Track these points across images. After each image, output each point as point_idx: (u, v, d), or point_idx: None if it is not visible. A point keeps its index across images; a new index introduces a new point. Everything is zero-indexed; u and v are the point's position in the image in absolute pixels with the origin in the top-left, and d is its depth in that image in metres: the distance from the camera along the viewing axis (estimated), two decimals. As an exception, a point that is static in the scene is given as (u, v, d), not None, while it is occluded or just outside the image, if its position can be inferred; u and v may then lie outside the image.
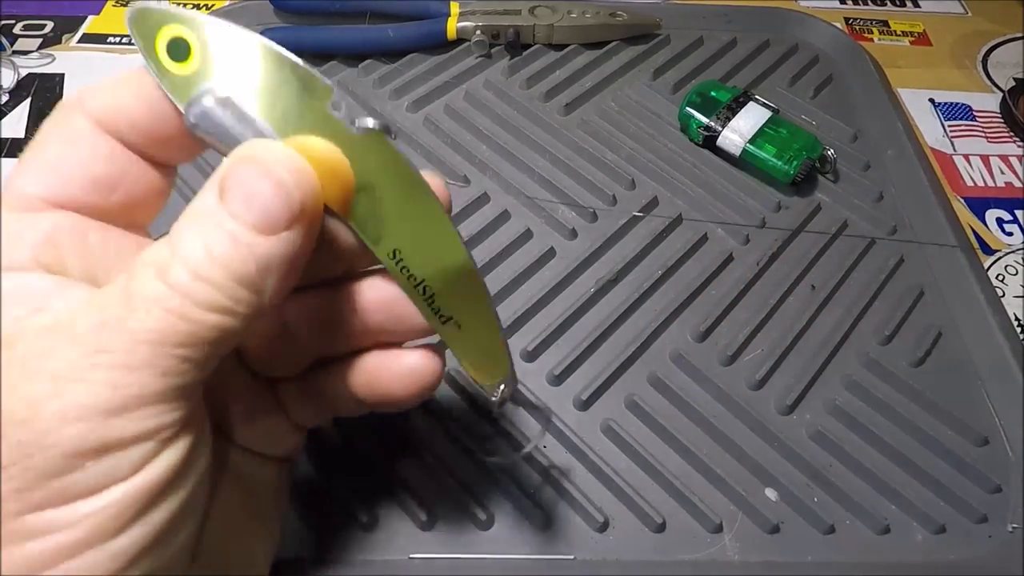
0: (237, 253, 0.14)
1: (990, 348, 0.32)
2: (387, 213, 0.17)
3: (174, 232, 0.15)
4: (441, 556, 0.26)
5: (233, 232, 0.14)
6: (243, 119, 0.16)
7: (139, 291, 0.14)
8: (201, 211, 0.15)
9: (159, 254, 0.15)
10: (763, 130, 0.38)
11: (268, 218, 0.15)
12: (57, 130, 0.17)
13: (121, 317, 0.14)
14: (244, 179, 0.15)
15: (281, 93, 0.16)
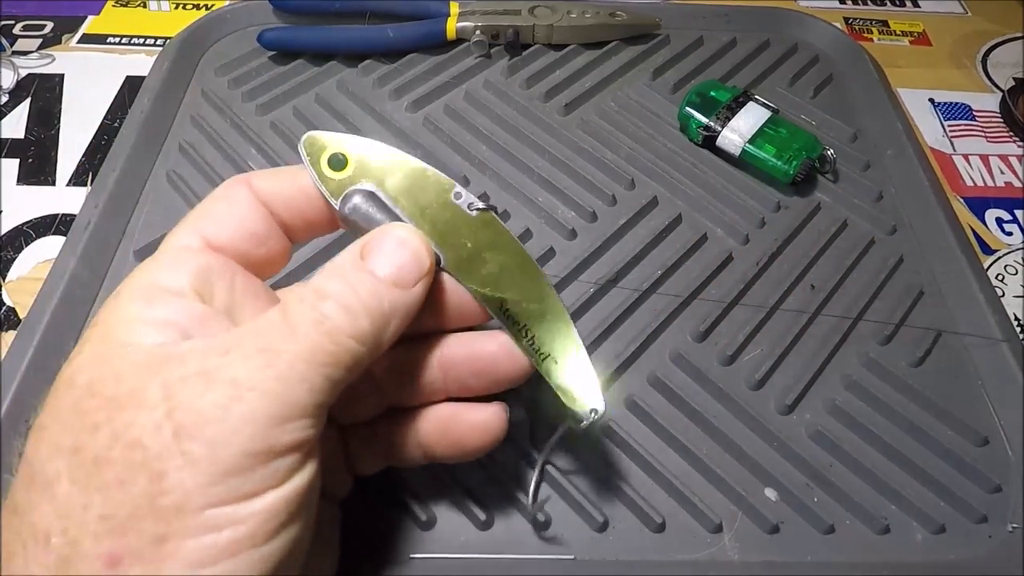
0: (376, 298, 0.19)
1: (990, 348, 0.32)
2: (497, 273, 0.22)
3: (320, 281, 0.19)
4: (441, 556, 0.26)
5: (375, 282, 0.19)
6: (384, 209, 0.22)
7: (298, 320, 0.18)
8: (346, 266, 0.19)
9: (310, 294, 0.18)
10: (763, 130, 0.38)
11: (402, 275, 0.19)
12: (224, 194, 0.21)
13: (284, 339, 0.17)
14: (386, 246, 0.20)
15: (413, 188, 0.22)
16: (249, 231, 0.21)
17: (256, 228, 0.21)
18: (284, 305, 0.18)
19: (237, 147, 0.39)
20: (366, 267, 0.19)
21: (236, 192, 0.21)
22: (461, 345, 0.22)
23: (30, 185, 0.39)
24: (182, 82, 0.42)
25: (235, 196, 0.21)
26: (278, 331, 0.17)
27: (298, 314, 0.18)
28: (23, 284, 0.35)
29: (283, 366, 0.16)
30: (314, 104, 0.41)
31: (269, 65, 0.43)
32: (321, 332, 0.17)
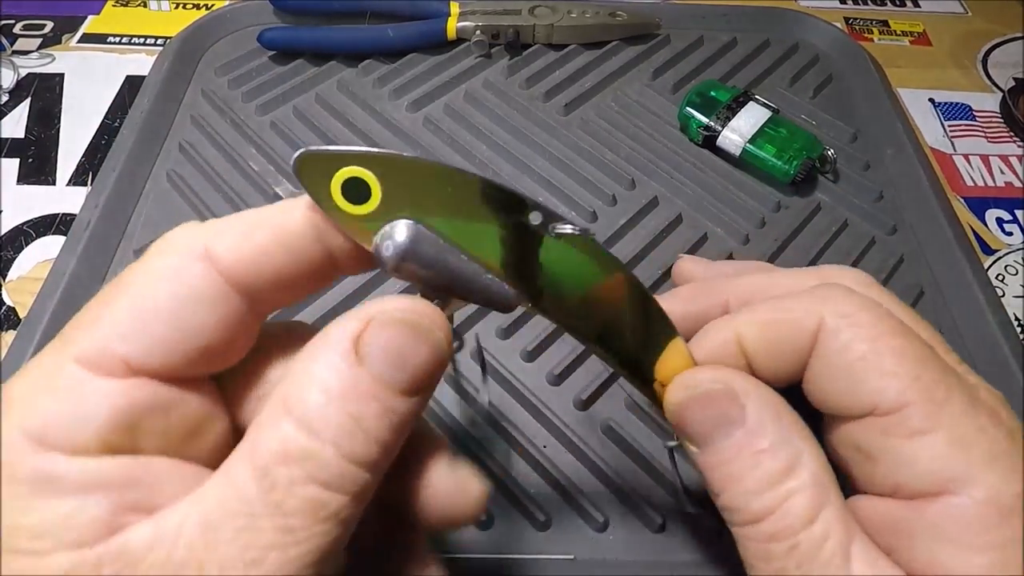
0: (388, 421, 0.14)
1: (990, 348, 0.32)
2: (594, 305, 0.18)
3: (309, 408, 0.13)
4: (441, 556, 0.26)
5: (383, 400, 0.14)
6: (443, 250, 0.16)
7: (294, 506, 0.13)
8: (338, 377, 0.13)
9: (294, 442, 0.13)
10: (763, 130, 0.38)
11: (417, 381, 0.14)
12: (170, 280, 0.14)
13: (275, 543, 0.12)
14: (396, 342, 0.14)
15: (473, 213, 0.16)
16: (204, 347, 0.14)
17: (216, 339, 0.14)
18: (260, 466, 0.13)
19: (237, 147, 0.39)
20: (368, 374, 0.14)
21: (189, 275, 0.14)
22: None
23: (30, 185, 0.39)
24: (182, 82, 0.42)
25: (188, 285, 0.14)
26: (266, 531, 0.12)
27: (288, 494, 0.13)
28: (23, 284, 0.35)
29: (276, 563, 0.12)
30: (314, 104, 0.41)
31: (269, 65, 0.43)
32: (323, 519, 0.13)
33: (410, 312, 0.14)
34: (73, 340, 0.14)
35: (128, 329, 0.14)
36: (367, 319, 0.14)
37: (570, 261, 0.17)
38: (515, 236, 0.16)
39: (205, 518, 0.12)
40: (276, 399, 0.14)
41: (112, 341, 0.13)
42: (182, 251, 0.14)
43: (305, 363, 0.14)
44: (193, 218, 0.35)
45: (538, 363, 0.31)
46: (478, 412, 0.29)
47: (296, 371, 0.14)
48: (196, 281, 0.14)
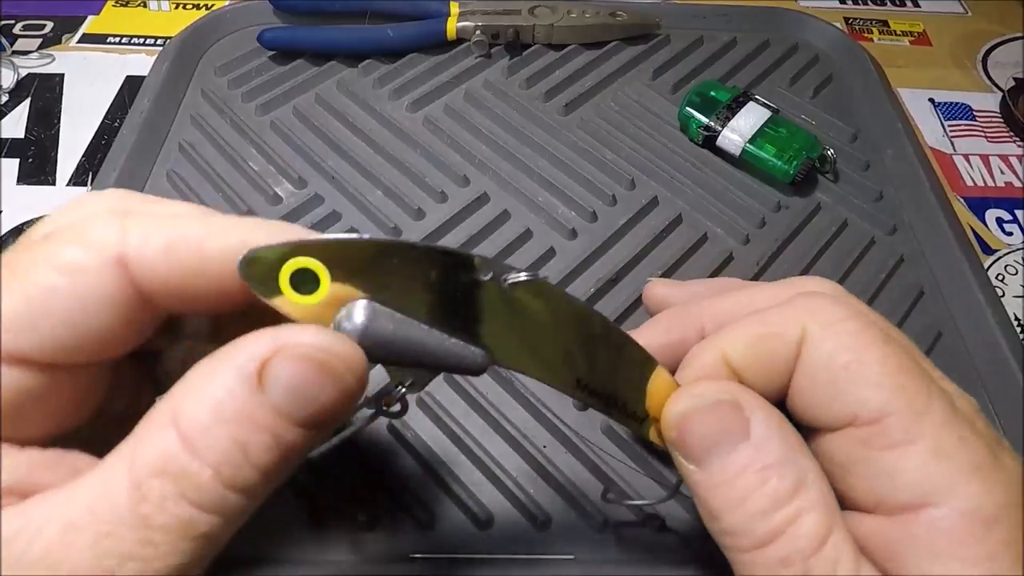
0: (277, 452, 0.13)
1: (990, 348, 0.32)
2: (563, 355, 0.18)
3: (194, 423, 0.13)
4: (441, 556, 0.26)
5: (276, 432, 0.13)
6: (402, 324, 0.16)
7: (161, 522, 0.12)
8: (232, 401, 0.13)
9: (173, 459, 0.13)
10: (763, 130, 0.38)
11: (317, 418, 0.14)
12: (76, 279, 0.14)
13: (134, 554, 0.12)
14: (301, 378, 0.13)
15: (424, 281, 0.16)
16: (98, 331, 0.14)
17: (110, 324, 0.14)
18: (135, 476, 0.12)
19: (237, 147, 0.39)
20: (267, 403, 0.13)
21: (95, 275, 0.14)
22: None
23: (30, 185, 0.39)
24: (182, 82, 0.42)
25: (91, 280, 0.14)
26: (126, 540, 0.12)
27: (159, 509, 0.12)
28: (23, 284, 0.35)
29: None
30: (314, 104, 0.41)
31: (269, 65, 0.43)
32: (190, 538, 0.13)
33: (323, 351, 0.14)
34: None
35: (20, 324, 0.13)
36: (278, 347, 0.13)
37: (531, 310, 0.17)
38: (470, 295, 0.16)
39: (69, 518, 0.12)
40: (166, 407, 0.13)
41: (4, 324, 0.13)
42: (96, 248, 0.14)
43: (204, 375, 0.13)
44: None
45: (538, 363, 0.31)
46: (478, 412, 0.29)
47: (192, 382, 0.13)
48: (104, 287, 0.14)
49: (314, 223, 0.35)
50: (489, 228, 0.35)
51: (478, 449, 0.28)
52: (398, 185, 0.37)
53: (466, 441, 0.28)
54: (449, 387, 0.30)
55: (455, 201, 0.37)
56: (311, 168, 0.38)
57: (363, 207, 0.36)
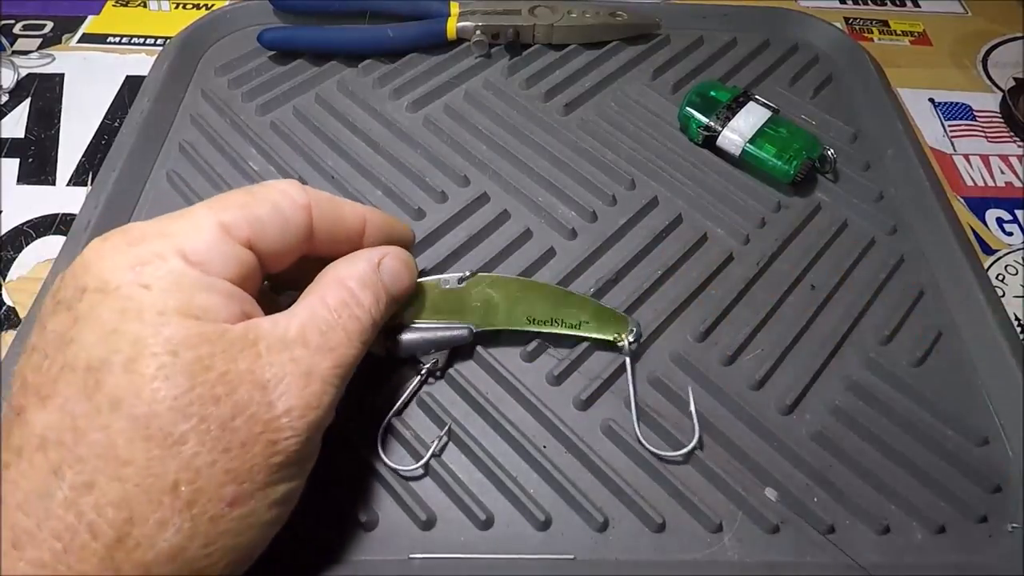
0: (385, 305, 0.25)
1: (990, 348, 0.32)
2: (507, 306, 0.30)
3: (356, 286, 0.24)
4: (441, 556, 0.26)
5: (386, 295, 0.25)
6: (423, 330, 0.29)
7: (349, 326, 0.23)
8: (370, 277, 0.24)
9: (349, 299, 0.23)
10: (763, 130, 0.38)
11: (399, 292, 0.26)
12: (287, 207, 0.23)
13: (343, 343, 0.22)
14: (396, 267, 0.26)
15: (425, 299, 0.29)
16: (286, 243, 0.23)
17: (291, 242, 0.23)
18: (333, 307, 0.22)
19: (237, 147, 0.39)
20: (381, 281, 0.25)
21: (296, 207, 0.23)
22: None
23: (30, 185, 0.39)
24: (182, 82, 0.42)
25: (291, 214, 0.23)
26: (338, 334, 0.22)
27: (349, 322, 0.23)
28: (23, 284, 0.35)
29: (345, 366, 0.22)
30: (314, 104, 0.41)
31: (269, 65, 0.43)
32: (362, 341, 0.23)
33: (406, 257, 0.27)
34: (220, 210, 0.21)
35: (257, 224, 0.22)
36: (386, 252, 0.25)
37: (481, 291, 0.30)
38: (446, 298, 0.29)
39: (304, 320, 0.22)
40: (331, 275, 0.24)
41: (246, 224, 0.22)
42: (298, 198, 0.23)
43: (350, 262, 0.24)
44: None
45: (538, 363, 0.31)
46: (477, 412, 0.29)
47: (342, 265, 0.24)
48: (300, 218, 0.23)
49: (314, 223, 0.35)
50: (489, 228, 0.35)
51: (478, 449, 0.28)
52: (398, 185, 0.37)
53: (466, 441, 0.28)
54: (449, 388, 0.30)
55: (455, 201, 0.37)
56: (311, 168, 0.38)
57: (363, 207, 0.36)
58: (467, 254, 0.34)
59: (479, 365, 0.31)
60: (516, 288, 0.30)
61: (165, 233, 0.20)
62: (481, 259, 0.34)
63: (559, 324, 0.30)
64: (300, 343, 0.21)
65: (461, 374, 0.30)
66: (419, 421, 0.29)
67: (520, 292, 0.30)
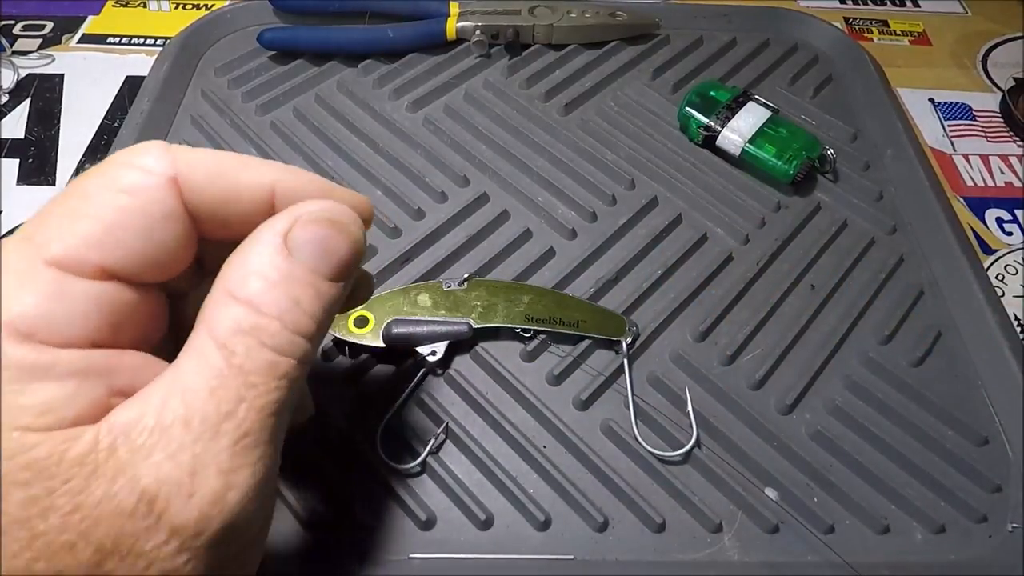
0: (320, 302, 0.16)
1: (990, 348, 0.32)
2: (506, 305, 0.31)
3: (253, 293, 0.16)
4: (441, 556, 0.26)
5: (314, 284, 0.16)
6: (414, 322, 0.30)
7: (253, 367, 0.15)
8: (274, 267, 0.16)
9: (245, 320, 0.15)
10: (763, 130, 0.38)
11: (340, 269, 0.17)
12: (142, 197, 0.16)
13: (243, 396, 0.15)
14: (319, 235, 0.16)
15: (426, 297, 0.30)
16: (163, 247, 0.16)
17: (172, 241, 0.16)
18: (221, 341, 0.15)
19: (237, 147, 0.39)
20: (304, 266, 0.16)
21: (157, 193, 0.16)
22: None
23: (30, 185, 0.39)
24: (182, 82, 0.42)
25: (155, 197, 0.16)
26: (234, 386, 0.15)
27: (251, 360, 0.15)
28: (23, 284, 0.35)
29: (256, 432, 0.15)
30: (314, 104, 0.41)
31: (269, 65, 0.43)
32: (282, 377, 0.16)
33: (329, 211, 0.17)
34: (43, 244, 0.15)
35: (103, 239, 0.15)
36: (294, 218, 0.16)
37: (480, 292, 0.31)
38: (447, 296, 0.31)
39: (183, 386, 0.15)
40: (219, 290, 0.16)
41: (86, 248, 0.15)
42: (152, 171, 0.16)
43: (242, 258, 0.16)
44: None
45: (538, 363, 0.31)
46: (477, 411, 0.29)
47: (233, 265, 0.16)
48: (164, 203, 0.16)
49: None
50: (489, 228, 0.35)
51: (478, 449, 0.28)
52: (398, 185, 0.37)
53: (466, 441, 0.28)
54: (449, 387, 0.30)
55: (455, 201, 0.37)
56: (310, 168, 0.38)
57: (363, 207, 0.36)
58: (467, 254, 0.34)
59: (479, 365, 0.31)
60: (516, 291, 0.31)
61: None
62: (481, 259, 0.34)
63: (557, 323, 0.30)
64: (181, 423, 0.14)
65: (461, 374, 0.30)
66: (419, 421, 0.29)
67: (519, 294, 0.31)
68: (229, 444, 0.15)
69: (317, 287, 0.16)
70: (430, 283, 0.31)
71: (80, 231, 0.15)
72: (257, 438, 0.15)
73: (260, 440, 0.15)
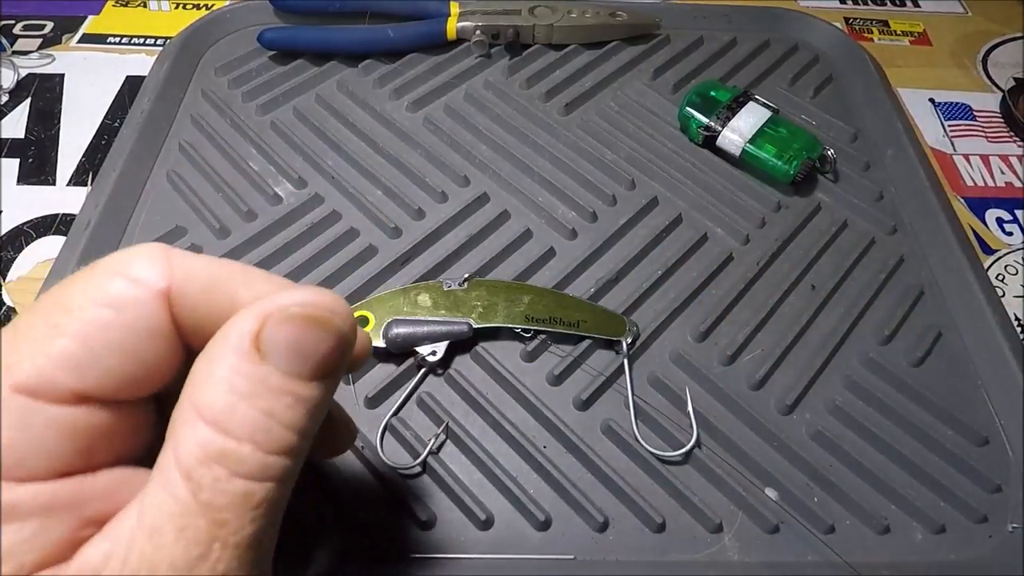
0: (301, 409, 0.14)
1: (990, 348, 0.32)
2: (507, 305, 0.31)
3: (217, 410, 0.13)
4: (441, 556, 0.26)
5: (293, 391, 0.14)
6: (414, 323, 0.30)
7: (223, 502, 0.13)
8: (243, 377, 0.14)
9: (211, 445, 0.13)
10: (763, 130, 0.38)
11: (323, 368, 0.14)
12: (127, 312, 0.14)
13: (215, 536, 0.13)
14: (295, 336, 0.14)
15: (426, 297, 0.31)
16: (148, 364, 0.15)
17: (158, 357, 0.15)
18: (185, 471, 0.13)
19: (237, 147, 0.39)
20: (277, 371, 0.14)
21: (145, 308, 0.14)
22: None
23: (30, 185, 0.39)
24: (182, 82, 0.42)
25: (142, 312, 0.14)
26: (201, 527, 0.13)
27: (220, 492, 0.13)
28: (23, 284, 0.35)
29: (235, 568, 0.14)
30: (314, 104, 0.41)
31: (269, 65, 0.43)
32: (257, 508, 0.14)
33: (307, 305, 0.14)
34: (13, 366, 0.13)
35: (80, 360, 0.13)
36: (263, 317, 0.14)
37: (480, 291, 0.31)
38: (447, 296, 0.31)
39: (150, 525, 0.13)
40: (186, 405, 0.14)
41: (60, 371, 0.13)
42: (143, 283, 0.14)
43: (207, 365, 0.14)
44: (193, 218, 0.35)
45: (538, 363, 0.31)
46: (476, 411, 0.29)
47: (200, 374, 0.14)
48: (151, 319, 0.14)
49: (314, 223, 0.35)
50: (489, 228, 0.35)
51: (478, 449, 0.28)
52: (398, 185, 0.37)
53: (466, 441, 0.28)
54: (449, 387, 0.30)
55: (455, 201, 0.37)
56: (311, 168, 0.38)
57: (363, 207, 0.36)
58: (467, 254, 0.34)
59: (479, 365, 0.31)
60: (516, 291, 0.31)
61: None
62: (481, 259, 0.34)
63: (558, 323, 0.30)
64: (146, 570, 0.13)
65: (461, 374, 0.30)
66: (419, 421, 0.29)
67: (519, 294, 0.31)
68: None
69: (296, 393, 0.14)
70: (430, 283, 0.31)
71: (55, 352, 0.13)
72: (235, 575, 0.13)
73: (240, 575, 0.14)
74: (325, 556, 0.26)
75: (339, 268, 0.33)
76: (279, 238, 0.35)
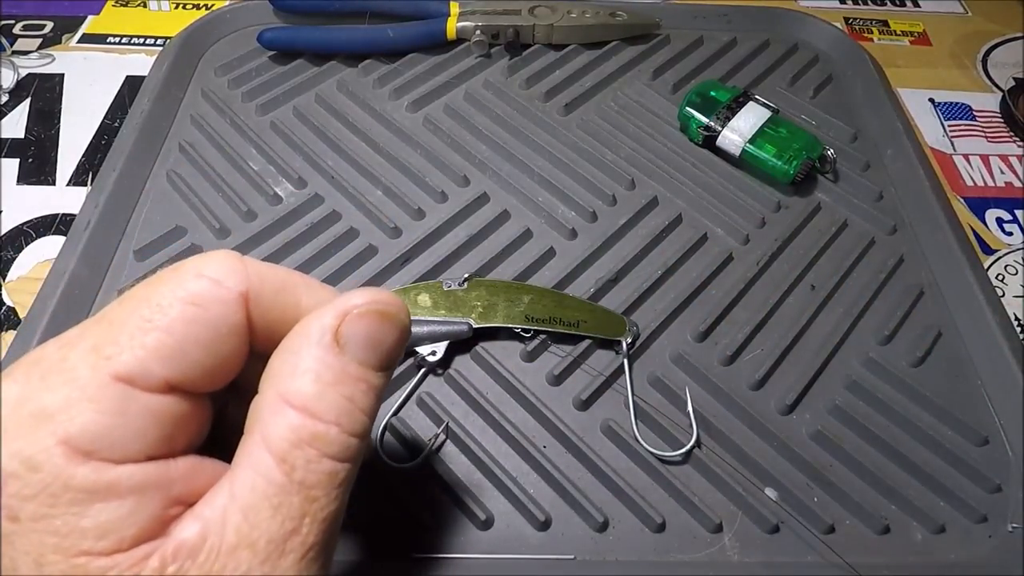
0: (372, 395, 0.16)
1: (990, 348, 0.32)
2: (506, 305, 0.31)
3: (307, 399, 0.15)
4: (441, 556, 0.26)
5: (367, 379, 0.16)
6: (421, 322, 0.30)
7: (314, 480, 0.15)
8: (328, 367, 0.16)
9: (303, 429, 0.15)
10: (763, 130, 0.38)
11: (390, 358, 0.17)
12: (211, 311, 0.15)
13: (306, 512, 0.15)
14: (370, 330, 0.16)
15: (426, 297, 0.30)
16: (226, 359, 0.16)
17: (233, 353, 0.16)
18: (279, 454, 0.15)
19: (237, 147, 0.39)
20: (353, 361, 0.16)
21: (227, 308, 0.16)
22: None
23: (30, 185, 0.39)
24: (182, 82, 0.42)
25: (224, 312, 0.16)
26: (298, 501, 0.15)
27: (312, 471, 0.15)
28: (23, 284, 0.35)
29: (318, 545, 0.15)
30: (314, 104, 0.41)
31: (269, 65, 0.43)
32: (342, 486, 0.16)
33: (378, 303, 0.17)
34: (112, 356, 0.14)
35: (171, 352, 0.15)
36: (343, 313, 0.16)
37: (479, 291, 0.31)
38: (447, 296, 0.31)
39: (244, 504, 0.14)
40: (270, 394, 0.15)
41: (155, 362, 0.15)
42: (226, 283, 0.16)
43: (291, 358, 0.16)
44: (193, 218, 0.35)
45: (538, 363, 0.31)
46: (476, 411, 0.29)
47: (285, 366, 0.16)
48: (230, 317, 0.16)
49: (314, 223, 0.35)
50: (489, 228, 0.35)
51: (478, 449, 0.28)
52: (398, 185, 0.37)
53: (466, 441, 0.28)
54: (449, 387, 0.30)
55: (455, 201, 0.37)
56: (311, 168, 0.38)
57: (363, 207, 0.36)
58: (467, 254, 0.34)
59: (479, 365, 0.31)
60: (516, 291, 0.31)
61: (38, 412, 0.14)
62: (481, 259, 0.34)
63: (558, 323, 0.30)
64: (247, 545, 0.14)
65: (461, 374, 0.30)
66: (419, 421, 0.29)
67: (519, 294, 0.31)
68: (295, 561, 0.15)
69: (369, 381, 0.16)
70: (430, 283, 0.31)
71: (150, 344, 0.15)
72: (320, 549, 0.15)
73: (323, 550, 0.15)
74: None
75: (339, 268, 0.33)
76: (279, 238, 0.35)
